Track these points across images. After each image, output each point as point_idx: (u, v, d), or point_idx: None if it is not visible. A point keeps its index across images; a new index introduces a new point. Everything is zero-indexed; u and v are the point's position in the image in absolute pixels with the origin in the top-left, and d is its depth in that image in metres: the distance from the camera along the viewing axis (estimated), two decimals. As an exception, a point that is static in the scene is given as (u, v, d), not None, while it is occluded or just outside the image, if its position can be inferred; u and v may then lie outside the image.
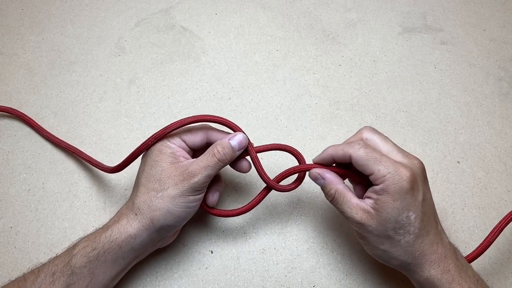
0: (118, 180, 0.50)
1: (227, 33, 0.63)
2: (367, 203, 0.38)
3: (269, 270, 0.46)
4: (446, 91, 0.59)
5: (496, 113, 0.57)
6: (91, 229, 0.47)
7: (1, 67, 0.58)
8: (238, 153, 0.41)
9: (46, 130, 0.52)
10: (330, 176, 0.40)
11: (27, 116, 0.53)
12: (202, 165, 0.39)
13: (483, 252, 0.42)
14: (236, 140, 0.40)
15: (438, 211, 0.49)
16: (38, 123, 0.53)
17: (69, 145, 0.50)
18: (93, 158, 0.48)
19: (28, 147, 0.52)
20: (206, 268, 0.45)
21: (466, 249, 0.47)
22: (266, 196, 0.44)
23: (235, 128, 0.42)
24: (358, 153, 0.38)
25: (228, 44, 0.62)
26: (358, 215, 0.38)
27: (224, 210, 0.43)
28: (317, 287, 0.45)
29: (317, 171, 0.41)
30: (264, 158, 0.51)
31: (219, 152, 0.39)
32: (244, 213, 0.43)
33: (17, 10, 0.64)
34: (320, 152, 0.42)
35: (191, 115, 0.41)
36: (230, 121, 0.42)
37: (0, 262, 0.45)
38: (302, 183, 0.43)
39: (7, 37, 0.61)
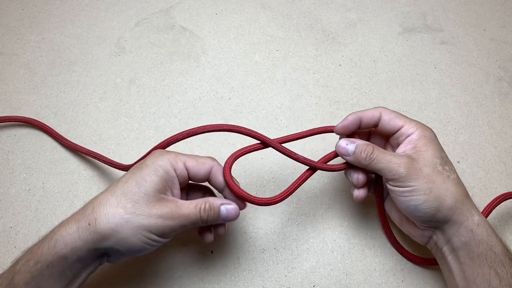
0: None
1: (227, 33, 0.63)
2: (406, 151, 0.39)
3: (269, 270, 0.46)
4: (446, 91, 0.59)
5: (496, 113, 0.57)
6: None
7: (1, 67, 0.58)
8: (221, 221, 0.38)
9: (68, 140, 0.52)
10: (358, 140, 0.41)
11: (46, 125, 0.53)
12: (182, 213, 0.35)
13: None
14: (228, 210, 0.37)
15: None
16: (56, 131, 0.53)
17: (88, 150, 0.50)
18: (108, 158, 0.48)
19: (28, 147, 0.52)
20: (206, 268, 0.45)
21: (466, 249, 0.47)
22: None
23: (266, 141, 0.41)
24: (387, 111, 0.41)
25: (228, 44, 0.62)
26: (405, 157, 0.38)
27: (263, 198, 0.40)
28: (317, 287, 0.45)
29: (344, 140, 0.41)
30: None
31: (205, 211, 0.36)
32: (286, 197, 0.41)
33: (17, 10, 0.64)
34: (341, 121, 0.42)
35: (226, 124, 0.40)
36: (264, 137, 0.41)
37: (0, 262, 0.45)
38: (309, 179, 0.43)
39: (7, 37, 0.61)
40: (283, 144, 0.42)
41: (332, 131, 0.43)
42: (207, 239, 0.40)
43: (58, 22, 0.63)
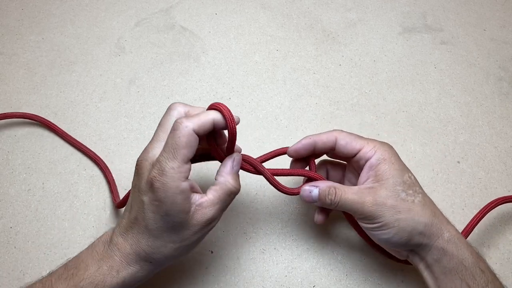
0: (119, 180, 0.50)
1: (227, 33, 0.63)
2: (367, 182, 0.39)
3: (269, 270, 0.46)
4: (446, 91, 0.59)
5: (496, 113, 0.57)
6: (91, 230, 0.47)
7: (1, 67, 0.58)
8: None
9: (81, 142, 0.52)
10: (321, 182, 0.40)
11: (48, 120, 0.53)
12: (220, 207, 0.36)
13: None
14: (237, 163, 0.38)
15: (438, 211, 0.49)
16: (65, 130, 0.53)
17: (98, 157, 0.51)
18: (115, 187, 0.49)
19: (28, 147, 0.52)
20: (206, 268, 0.45)
21: (466, 249, 0.47)
22: (266, 196, 0.43)
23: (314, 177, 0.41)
24: (343, 134, 0.40)
25: (228, 44, 0.62)
26: (367, 194, 0.37)
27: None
28: (317, 287, 0.45)
29: (307, 186, 0.40)
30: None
31: (234, 187, 0.37)
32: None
33: (17, 10, 0.64)
34: (295, 144, 0.41)
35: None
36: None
37: (0, 262, 0.45)
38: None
39: (7, 37, 0.61)
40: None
41: (285, 153, 0.42)
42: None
43: (58, 22, 0.63)
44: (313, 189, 0.40)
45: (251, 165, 0.41)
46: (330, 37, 0.64)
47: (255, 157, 0.41)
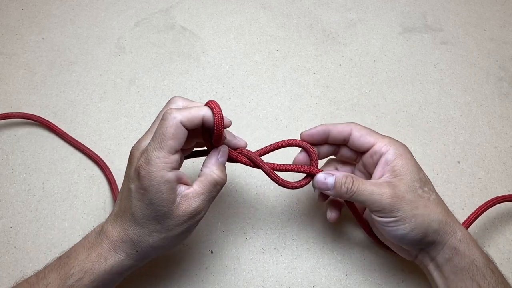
0: (119, 180, 0.50)
1: (227, 33, 0.63)
2: (384, 177, 0.38)
3: (269, 270, 0.46)
4: (446, 91, 0.59)
5: (496, 113, 0.57)
6: (91, 230, 0.47)
7: (1, 67, 0.58)
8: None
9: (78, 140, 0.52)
10: (337, 171, 0.40)
11: (47, 120, 0.53)
12: (206, 199, 0.36)
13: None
14: (223, 154, 0.38)
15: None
16: (64, 130, 0.53)
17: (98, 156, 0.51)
18: (116, 186, 0.49)
19: (28, 147, 0.52)
20: (206, 268, 0.45)
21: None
22: (266, 196, 0.43)
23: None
24: (358, 127, 0.40)
25: (228, 44, 0.62)
26: (385, 187, 0.36)
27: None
28: (317, 287, 0.45)
29: (322, 173, 0.39)
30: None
31: (219, 177, 0.37)
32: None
33: (17, 10, 0.64)
34: (310, 128, 0.41)
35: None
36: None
37: (0, 262, 0.45)
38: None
39: (7, 37, 0.61)
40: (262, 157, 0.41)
41: (286, 146, 0.42)
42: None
43: (58, 22, 0.63)
44: (329, 177, 0.38)
45: (249, 158, 0.40)
46: (330, 37, 0.64)
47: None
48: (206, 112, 0.35)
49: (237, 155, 0.40)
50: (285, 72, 0.60)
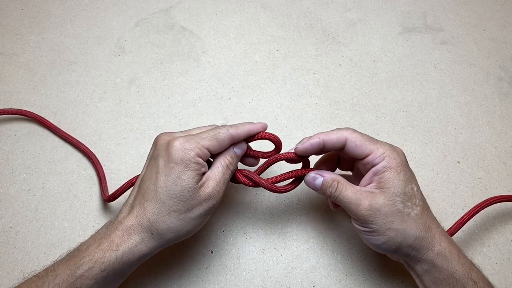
0: (118, 180, 0.50)
1: (227, 33, 0.63)
2: (369, 186, 0.39)
3: (269, 270, 0.46)
4: (446, 91, 0.59)
5: (496, 113, 0.57)
6: (91, 230, 0.47)
7: (1, 67, 0.58)
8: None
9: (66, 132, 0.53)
10: (327, 173, 0.41)
11: (42, 117, 0.53)
12: (221, 181, 0.39)
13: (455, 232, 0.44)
14: (240, 148, 0.41)
15: (438, 211, 0.49)
16: (56, 125, 0.53)
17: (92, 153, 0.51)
18: (105, 181, 0.49)
19: (28, 147, 0.52)
20: (206, 268, 0.45)
21: (466, 249, 0.47)
22: (266, 196, 0.44)
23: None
24: (354, 135, 0.39)
25: (228, 44, 0.62)
26: (365, 198, 0.37)
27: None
28: (317, 287, 0.45)
29: (313, 173, 0.41)
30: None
31: (231, 164, 0.40)
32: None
33: (17, 10, 0.64)
34: (302, 141, 0.41)
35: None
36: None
37: (0, 262, 0.45)
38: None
39: (7, 37, 0.61)
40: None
41: (282, 160, 0.43)
42: (251, 163, 0.44)
43: (58, 22, 0.63)
44: (318, 178, 0.40)
45: (249, 179, 0.42)
46: (330, 37, 0.64)
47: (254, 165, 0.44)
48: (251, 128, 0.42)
49: (241, 177, 0.42)
50: (285, 72, 0.60)
